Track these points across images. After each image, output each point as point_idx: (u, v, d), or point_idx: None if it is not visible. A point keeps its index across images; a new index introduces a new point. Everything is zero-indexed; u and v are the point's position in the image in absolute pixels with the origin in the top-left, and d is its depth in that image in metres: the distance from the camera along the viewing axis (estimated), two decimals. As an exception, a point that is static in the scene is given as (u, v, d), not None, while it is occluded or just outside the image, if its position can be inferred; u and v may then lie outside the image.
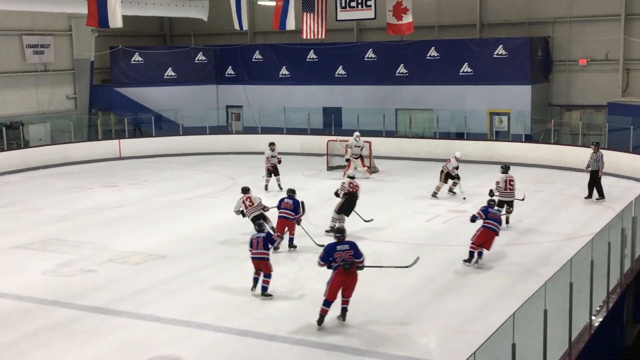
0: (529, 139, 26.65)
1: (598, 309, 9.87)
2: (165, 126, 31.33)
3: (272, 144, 22.01)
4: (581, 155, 23.93)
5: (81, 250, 15.53)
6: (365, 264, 11.03)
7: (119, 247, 15.66)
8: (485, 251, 13.73)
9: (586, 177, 20.17)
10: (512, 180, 16.72)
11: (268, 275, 12.28)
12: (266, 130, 30.14)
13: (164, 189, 22.53)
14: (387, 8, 25.09)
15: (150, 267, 14.33)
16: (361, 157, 23.57)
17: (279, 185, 21.59)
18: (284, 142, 28.76)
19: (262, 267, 12.27)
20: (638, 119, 23.52)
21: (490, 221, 13.55)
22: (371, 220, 17.01)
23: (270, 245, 12.37)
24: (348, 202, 16.05)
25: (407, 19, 25.00)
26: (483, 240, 13.55)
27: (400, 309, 11.77)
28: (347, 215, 16.11)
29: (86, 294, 12.66)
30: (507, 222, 16.50)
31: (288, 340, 10.55)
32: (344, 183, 16.43)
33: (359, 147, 23.38)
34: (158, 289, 12.93)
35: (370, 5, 25.54)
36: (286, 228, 15.05)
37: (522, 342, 7.36)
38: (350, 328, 10.97)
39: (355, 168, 23.31)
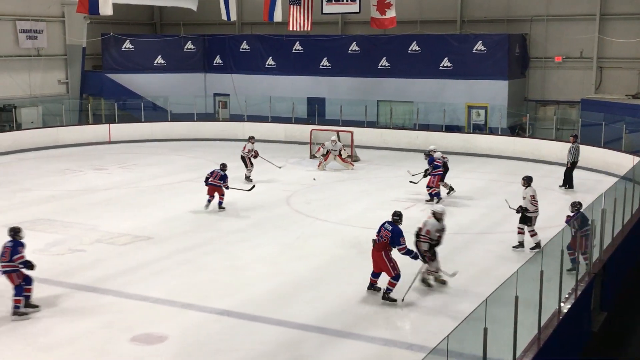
0: (505, 132, 27.53)
1: (567, 296, 10.01)
2: (154, 112, 31.94)
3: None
4: (555, 148, 24.82)
5: (70, 231, 15.81)
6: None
7: (107, 228, 16.03)
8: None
9: (559, 169, 21.22)
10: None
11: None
12: (252, 119, 30.87)
13: (152, 173, 23.03)
14: (371, 2, 25.81)
15: (136, 248, 14.68)
16: (340, 155, 23.56)
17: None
18: (268, 130, 29.65)
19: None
20: (610, 115, 24.37)
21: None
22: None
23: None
24: None
25: (390, 13, 25.74)
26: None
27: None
28: None
29: (74, 272, 12.95)
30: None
31: (269, 321, 10.88)
32: None
33: (335, 150, 23.34)
34: (144, 269, 13.27)
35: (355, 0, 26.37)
36: (216, 192, 17.73)
37: (494, 327, 7.54)
38: (329, 309, 11.35)
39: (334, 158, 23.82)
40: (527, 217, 14.41)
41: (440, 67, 29.40)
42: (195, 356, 9.83)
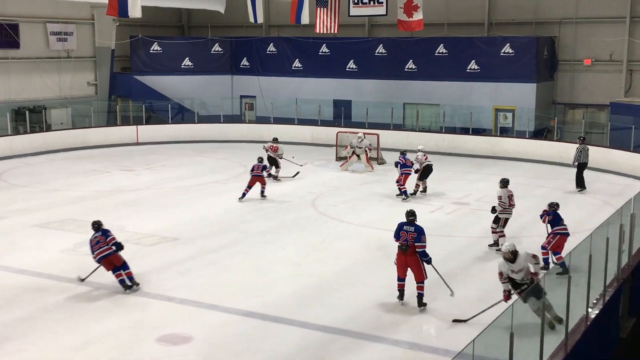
0: (532, 135, 27.28)
1: (595, 302, 9.92)
2: (181, 114, 32.17)
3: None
4: (583, 152, 24.69)
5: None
6: (431, 263, 11.49)
7: (133, 229, 16.18)
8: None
9: (586, 174, 20.99)
10: (513, 195, 14.91)
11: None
12: (278, 121, 30.94)
13: (179, 174, 23.21)
14: (398, 5, 25.71)
15: (163, 248, 14.83)
16: (366, 153, 23.67)
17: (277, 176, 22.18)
18: (295, 132, 29.74)
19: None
20: (639, 119, 24.06)
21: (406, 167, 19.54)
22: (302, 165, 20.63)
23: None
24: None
25: (418, 16, 25.60)
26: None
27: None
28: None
29: (101, 272, 12.70)
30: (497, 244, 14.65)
31: (293, 323, 10.92)
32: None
33: (360, 147, 23.47)
34: (170, 269, 13.41)
35: (381, 2, 26.31)
36: (258, 182, 18.94)
37: (520, 332, 7.53)
38: (353, 312, 11.33)
39: (358, 157, 23.82)
40: (497, 217, 14.89)
41: (468, 70, 29.22)
42: (219, 357, 9.87)
